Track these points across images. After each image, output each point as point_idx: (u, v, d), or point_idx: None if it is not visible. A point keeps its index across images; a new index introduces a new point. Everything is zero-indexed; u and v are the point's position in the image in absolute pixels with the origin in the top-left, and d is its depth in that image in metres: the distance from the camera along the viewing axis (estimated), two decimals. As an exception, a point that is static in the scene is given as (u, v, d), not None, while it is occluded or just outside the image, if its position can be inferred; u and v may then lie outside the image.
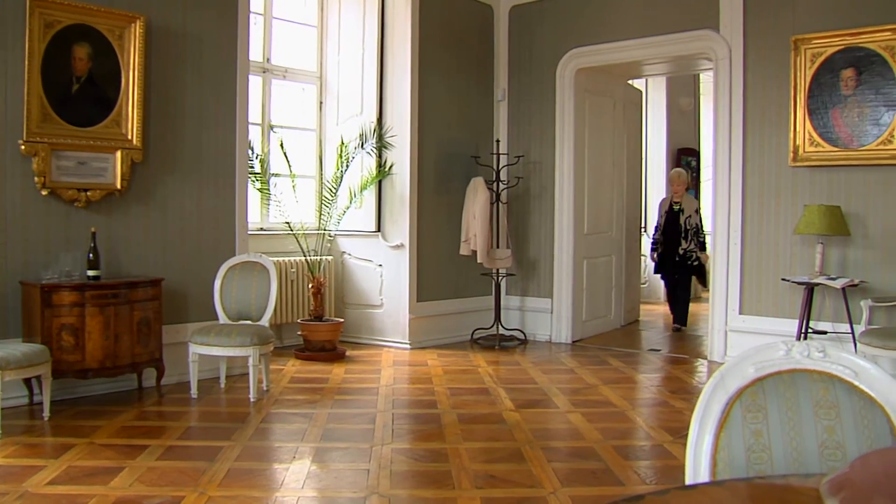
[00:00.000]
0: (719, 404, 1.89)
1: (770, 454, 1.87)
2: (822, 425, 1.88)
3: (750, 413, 1.89)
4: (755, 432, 1.88)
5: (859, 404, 1.88)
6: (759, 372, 1.92)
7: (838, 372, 1.91)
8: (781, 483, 1.53)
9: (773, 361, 1.93)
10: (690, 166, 14.07)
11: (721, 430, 1.88)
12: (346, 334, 8.72)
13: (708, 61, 8.57)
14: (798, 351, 1.94)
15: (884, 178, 7.24)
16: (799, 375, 1.93)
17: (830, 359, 1.92)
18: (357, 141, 8.52)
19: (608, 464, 4.77)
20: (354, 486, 4.35)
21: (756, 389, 1.91)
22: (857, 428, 1.87)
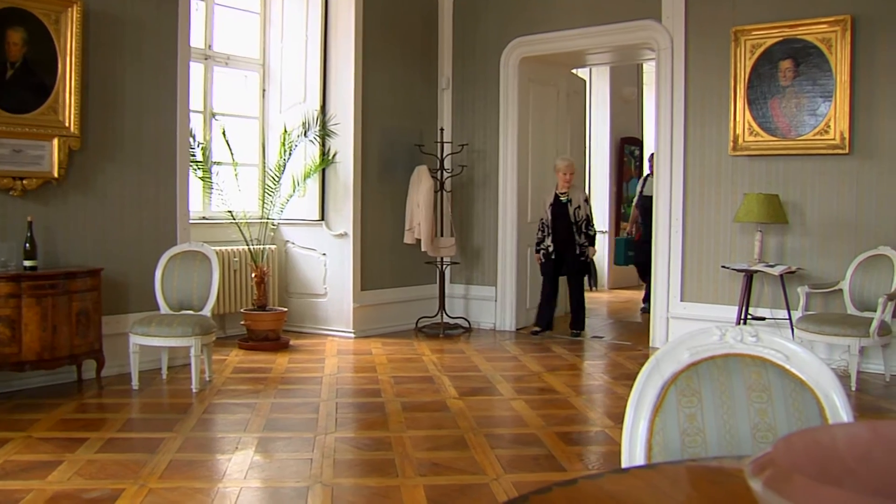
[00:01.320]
0: (654, 389, 1.92)
1: (704, 437, 1.90)
2: (754, 408, 1.92)
3: (685, 397, 1.92)
4: (690, 416, 1.91)
5: (790, 387, 1.92)
6: (694, 357, 1.95)
7: (770, 356, 1.95)
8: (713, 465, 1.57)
9: (707, 346, 1.96)
10: (633, 155, 14.22)
11: (656, 414, 1.91)
12: (290, 324, 8.67)
13: (650, 51, 8.66)
14: (732, 336, 1.97)
15: (820, 167, 7.39)
16: (732, 360, 1.96)
17: (763, 343, 1.96)
18: (300, 129, 8.47)
19: (551, 450, 4.82)
20: (297, 475, 4.34)
21: (691, 374, 1.94)
22: (788, 410, 1.91)
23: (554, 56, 9.33)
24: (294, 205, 8.60)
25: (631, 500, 1.38)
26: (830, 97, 7.27)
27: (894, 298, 6.67)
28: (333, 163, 8.63)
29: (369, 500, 4.02)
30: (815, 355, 1.95)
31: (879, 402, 6.20)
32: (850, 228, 7.26)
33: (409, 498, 3.99)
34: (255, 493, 4.10)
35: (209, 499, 3.96)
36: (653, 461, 1.85)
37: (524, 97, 9.33)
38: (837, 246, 7.31)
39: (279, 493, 4.13)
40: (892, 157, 7.06)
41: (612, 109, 13.69)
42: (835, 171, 7.33)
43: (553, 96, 9.94)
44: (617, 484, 1.45)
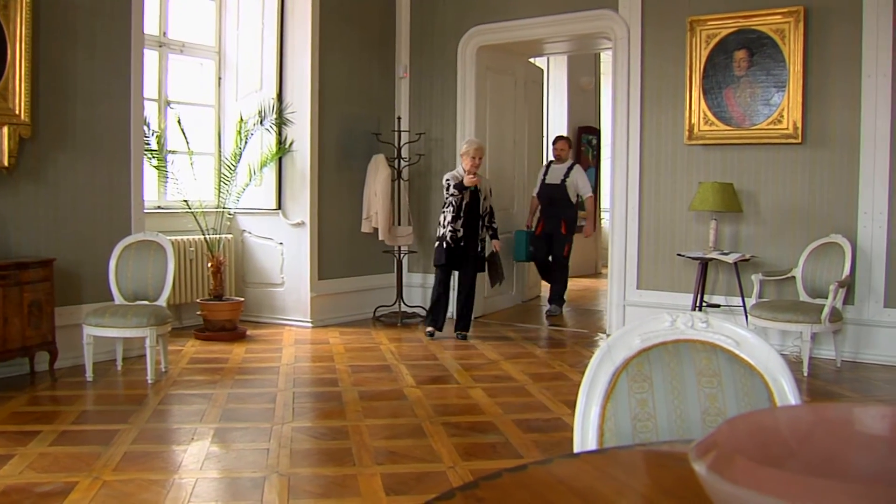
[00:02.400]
0: (606, 375, 1.94)
1: (655, 423, 1.92)
2: (704, 393, 1.94)
3: (636, 383, 1.94)
4: (641, 402, 1.93)
5: (740, 372, 1.94)
6: (645, 343, 1.97)
7: (720, 342, 1.97)
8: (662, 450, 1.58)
9: (658, 332, 1.98)
10: (591, 144, 14.29)
11: (608, 400, 1.92)
12: (247, 313, 8.62)
13: (607, 41, 8.70)
14: (682, 322, 1.99)
15: (774, 156, 7.48)
16: (683, 346, 1.98)
17: (713, 329, 1.98)
18: (256, 117, 8.40)
19: (508, 437, 4.84)
20: (254, 465, 4.32)
21: (642, 360, 1.96)
22: (738, 395, 1.94)
23: (511, 45, 9.35)
24: (250, 194, 8.53)
25: (580, 485, 1.39)
26: (784, 87, 7.35)
27: (845, 285, 6.79)
28: (290, 151, 8.58)
29: (326, 489, 4.01)
30: (765, 341, 1.98)
31: (830, 387, 6.30)
32: (803, 217, 7.36)
33: (365, 486, 3.99)
34: (211, 484, 4.08)
35: (164, 490, 3.92)
36: (604, 446, 1.86)
37: (482, 86, 9.34)
38: (790, 234, 7.41)
39: (235, 484, 4.11)
40: (843, 147, 7.17)
41: (570, 98, 13.75)
42: (788, 161, 7.43)
43: (510, 85, 9.96)
44: (566, 469, 1.46)
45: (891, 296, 7.04)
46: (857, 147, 7.11)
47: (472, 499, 1.30)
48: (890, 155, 6.97)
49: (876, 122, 7.01)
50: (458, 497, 1.30)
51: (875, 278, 7.08)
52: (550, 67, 13.41)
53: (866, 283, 7.11)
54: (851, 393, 6.16)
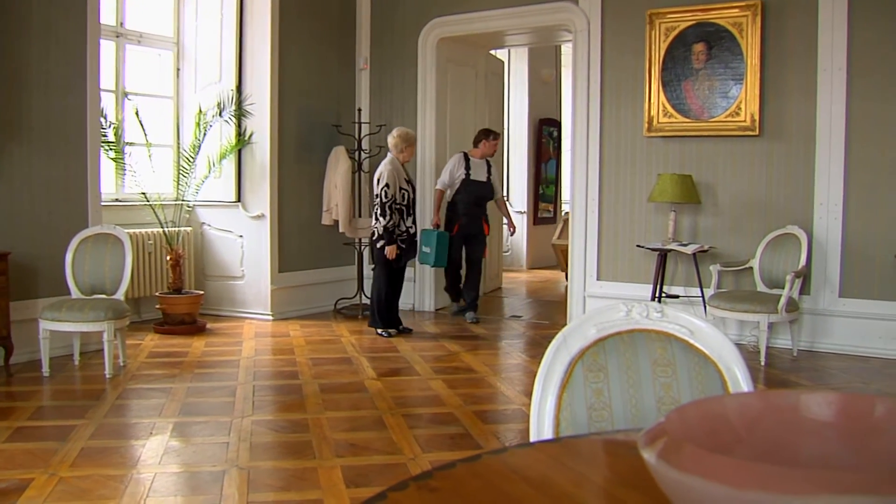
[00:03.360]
0: (562, 365, 1.95)
1: (611, 412, 1.93)
2: (659, 382, 1.96)
3: (591, 373, 1.95)
4: (596, 391, 1.94)
5: (694, 361, 1.96)
6: (601, 333, 1.98)
7: (675, 331, 1.98)
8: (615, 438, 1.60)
9: (613, 322, 1.99)
10: (552, 136, 14.34)
11: (564, 390, 1.93)
12: (207, 307, 8.56)
13: (567, 33, 8.73)
14: (637, 312, 2.01)
15: (732, 148, 7.56)
16: (638, 335, 2.00)
17: (668, 319, 2.00)
18: (215, 109, 8.32)
19: (468, 428, 4.86)
20: (213, 459, 4.29)
21: (597, 349, 1.97)
22: (692, 384, 1.95)
23: (472, 37, 9.35)
24: (210, 186, 8.46)
25: (533, 474, 1.40)
26: (741, 80, 7.43)
27: (801, 276, 6.88)
28: (249, 143, 8.52)
29: (286, 482, 4.00)
30: (719, 330, 2.00)
31: (787, 376, 6.39)
32: (760, 208, 7.45)
33: (325, 479, 3.98)
34: (170, 479, 4.04)
35: (122, 486, 3.89)
36: (560, 436, 1.87)
37: (442, 78, 9.33)
38: (748, 225, 7.50)
39: (195, 478, 4.08)
40: (799, 139, 7.26)
41: (531, 90, 13.79)
42: (745, 153, 7.51)
43: (471, 77, 9.97)
44: (520, 458, 1.46)
45: (846, 286, 7.14)
46: (813, 140, 7.20)
47: (426, 489, 1.31)
48: (845, 147, 7.07)
49: (831, 115, 7.10)
50: (411, 487, 1.30)
51: (830, 269, 7.18)
52: (511, 60, 13.44)
53: (822, 274, 7.21)
54: (807, 381, 6.25)
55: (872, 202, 7.03)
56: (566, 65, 13.79)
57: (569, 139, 10.32)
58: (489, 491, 1.30)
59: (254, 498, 3.77)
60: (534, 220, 13.90)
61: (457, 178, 8.65)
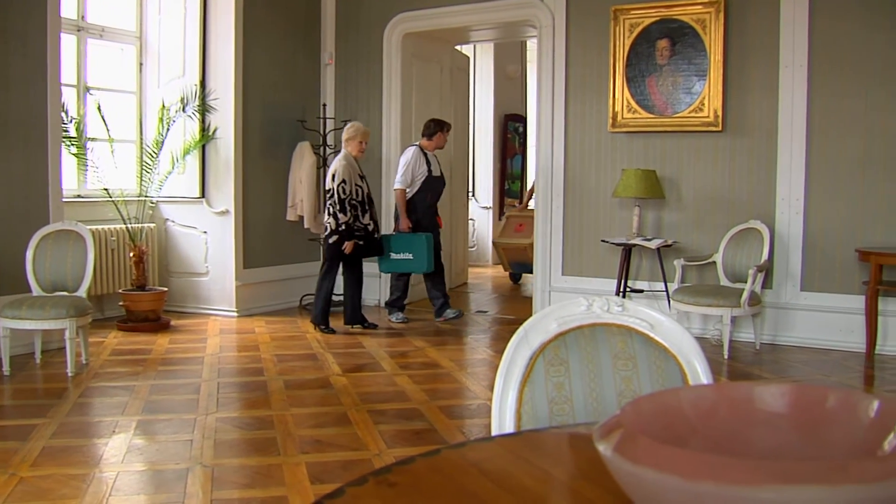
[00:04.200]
0: (523, 359, 1.95)
1: (572, 406, 1.94)
2: (620, 376, 1.97)
3: (552, 367, 1.96)
4: (557, 385, 1.95)
5: (654, 355, 1.97)
6: (562, 327, 1.99)
7: (635, 325, 2.00)
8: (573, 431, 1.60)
9: (574, 316, 2.00)
10: (518, 132, 14.37)
11: (525, 384, 1.94)
12: (171, 303, 8.49)
13: (532, 29, 8.75)
14: (598, 306, 2.02)
15: (695, 143, 7.61)
16: (599, 329, 2.01)
17: (628, 312, 2.01)
18: (179, 104, 8.25)
19: (433, 424, 4.86)
20: (177, 457, 4.26)
21: (558, 344, 1.98)
22: (653, 377, 1.97)
23: (437, 32, 9.34)
24: (173, 182, 8.39)
25: (492, 468, 1.40)
26: (705, 76, 7.48)
27: (764, 270, 6.95)
28: (214, 139, 8.46)
29: (251, 479, 3.98)
30: (678, 323, 2.01)
31: (750, 369, 6.45)
32: (723, 203, 7.51)
33: (290, 476, 3.97)
34: (133, 477, 4.01)
35: (84, 485, 3.85)
36: (521, 430, 1.88)
37: (407, 73, 9.32)
38: (711, 220, 7.56)
39: (158, 476, 4.05)
40: (761, 135, 7.33)
41: (496, 86, 13.80)
42: (709, 148, 7.57)
43: (437, 72, 9.96)
44: (480, 452, 1.47)
45: (807, 280, 7.23)
46: (775, 135, 7.27)
47: (385, 484, 1.31)
48: (806, 143, 7.15)
49: (793, 111, 7.18)
50: (370, 482, 1.30)
51: (792, 263, 7.26)
52: (477, 55, 13.44)
53: (784, 268, 7.29)
54: (769, 374, 6.32)
55: (833, 197, 7.12)
56: (532, 60, 13.83)
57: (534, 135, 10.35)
58: (448, 485, 1.31)
59: (218, 495, 3.75)
60: (499, 215, 13.91)
61: (418, 175, 8.15)
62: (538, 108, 8.45)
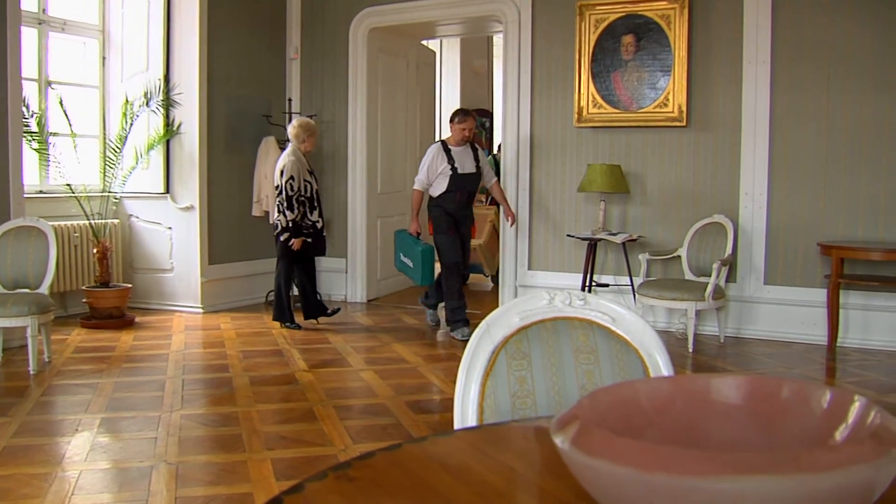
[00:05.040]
0: (485, 353, 1.96)
1: (534, 399, 1.95)
2: (582, 369, 1.98)
3: (515, 360, 1.96)
4: (520, 379, 1.95)
5: (616, 348, 1.98)
6: (524, 321, 2.00)
7: (597, 318, 2.01)
8: (534, 425, 1.61)
9: (536, 310, 2.01)
10: (485, 127, 14.38)
11: (487, 378, 1.94)
12: (136, 300, 8.42)
13: (499, 24, 8.75)
14: (560, 300, 2.02)
15: (660, 139, 7.66)
16: (561, 323, 2.01)
17: (590, 306, 2.02)
18: (142, 99, 8.17)
19: (399, 419, 4.86)
20: (141, 454, 4.23)
21: (520, 337, 1.98)
22: (614, 370, 1.98)
23: (403, 27, 9.32)
24: (137, 177, 8.31)
25: (452, 461, 1.40)
26: (669, 72, 7.53)
27: (727, 264, 7.01)
28: (178, 134, 8.39)
29: (216, 476, 3.96)
30: (640, 317, 2.02)
31: (714, 362, 6.51)
32: (688, 197, 7.57)
33: (255, 472, 3.96)
34: (97, 476, 3.97)
35: (46, 484, 3.80)
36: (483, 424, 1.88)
37: (373, 68, 9.30)
38: (676, 214, 7.62)
39: (122, 474, 4.01)
40: (725, 130, 7.40)
41: (463, 81, 13.80)
42: (673, 143, 7.62)
43: (403, 67, 9.94)
44: (440, 446, 1.47)
45: (770, 273, 7.30)
46: (739, 130, 7.34)
47: (345, 479, 1.30)
48: (769, 138, 7.22)
49: (756, 106, 7.25)
50: (330, 478, 1.30)
51: (756, 257, 7.33)
52: (443, 50, 13.43)
53: (747, 262, 7.36)
54: (733, 367, 6.38)
55: (795, 192, 7.19)
56: (498, 55, 13.84)
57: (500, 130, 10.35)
58: (407, 479, 1.31)
59: (182, 493, 3.72)
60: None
61: (439, 174, 7.47)
62: (504, 103, 8.47)
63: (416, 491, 1.26)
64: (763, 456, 0.90)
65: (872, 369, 6.28)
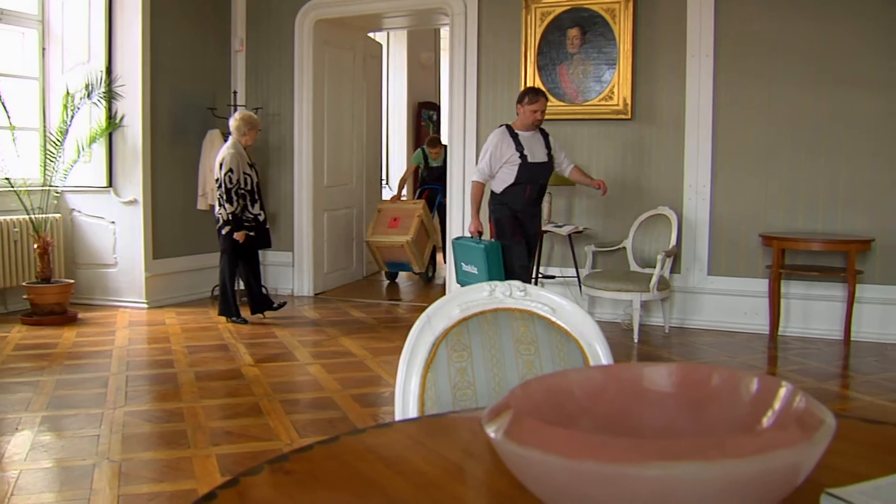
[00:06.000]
0: (426, 345, 1.96)
1: (475, 390, 1.96)
2: (522, 360, 1.99)
3: (455, 352, 1.97)
4: (460, 370, 1.96)
5: (556, 338, 2.00)
6: (465, 312, 2.00)
7: (537, 309, 2.02)
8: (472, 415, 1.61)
9: (477, 302, 2.01)
10: (432, 120, 14.37)
11: (428, 370, 1.95)
12: (78, 296, 8.28)
13: (445, 16, 8.75)
14: (500, 291, 2.03)
15: (605, 131, 7.73)
16: (501, 314, 2.02)
17: (530, 297, 2.03)
18: (84, 91, 8.04)
19: (346, 412, 4.85)
20: (84, 452, 4.16)
21: (461, 329, 1.99)
22: (554, 361, 1.99)
23: (350, 19, 9.28)
24: (79, 171, 8.17)
25: (390, 453, 1.40)
26: (614, 65, 7.60)
27: (672, 255, 7.09)
28: (121, 126, 8.26)
29: (160, 473, 3.91)
30: (580, 307, 2.04)
31: (659, 352, 6.59)
32: (633, 190, 7.64)
33: (200, 468, 3.92)
34: (37, 475, 3.90)
35: (-16, 483, 3.74)
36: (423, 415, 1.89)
37: (319, 60, 9.24)
38: (621, 206, 7.68)
39: (64, 473, 3.95)
40: (669, 123, 7.48)
41: (410, 74, 13.76)
42: (618, 136, 7.69)
43: (349, 60, 9.90)
44: (378, 438, 1.47)
45: (714, 264, 7.41)
46: (683, 123, 7.43)
47: (281, 472, 1.30)
48: (712, 131, 7.32)
49: (699, 100, 7.34)
50: (266, 471, 1.29)
51: (699, 248, 7.43)
52: (390, 42, 13.39)
53: (691, 253, 7.45)
54: (678, 357, 6.47)
55: (738, 184, 7.30)
56: (445, 48, 13.84)
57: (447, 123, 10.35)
58: (344, 471, 1.30)
59: (126, 490, 3.68)
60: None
61: (504, 163, 6.54)
62: (451, 96, 8.47)
63: (352, 483, 1.26)
64: (689, 442, 0.91)
65: (812, 357, 6.41)
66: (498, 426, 1.01)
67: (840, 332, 6.93)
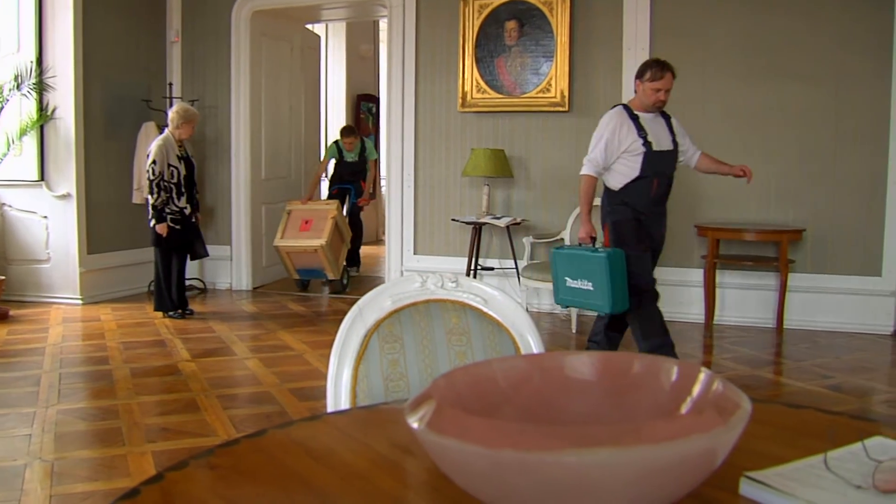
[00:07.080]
0: (357, 337, 1.96)
1: (407, 382, 1.96)
2: (454, 351, 2.00)
3: (387, 344, 1.97)
4: (392, 362, 1.96)
5: (488, 329, 2.01)
6: (396, 304, 2.00)
7: (469, 300, 2.03)
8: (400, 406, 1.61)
9: (409, 293, 2.02)
10: (371, 112, 14.33)
11: (360, 361, 1.94)
12: (10, 293, 8.11)
13: (384, 8, 8.71)
14: (432, 282, 2.04)
15: (543, 123, 7.77)
16: (433, 305, 2.03)
17: (462, 288, 2.04)
18: (13, 83, 7.86)
19: (284, 406, 4.82)
20: (15, 453, 4.08)
21: (393, 321, 1.99)
22: (486, 351, 2.00)
23: (287, 10, 9.20)
24: (9, 165, 7.99)
25: (317, 445, 1.40)
26: (552, 57, 7.64)
27: (609, 246, 7.14)
28: (52, 119, 8.10)
29: (94, 471, 3.85)
30: (512, 298, 2.05)
31: (596, 343, 6.64)
32: (570, 181, 7.67)
33: (135, 466, 3.87)
34: (-35, 474, 3.83)
35: None
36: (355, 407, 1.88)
37: (257, 52, 9.15)
38: (558, 198, 7.74)
39: (-7, 473, 3.87)
40: (605, 114, 7.53)
41: (349, 66, 13.71)
42: (556, 128, 7.74)
43: (287, 52, 9.82)
44: (305, 431, 1.46)
45: (650, 255, 7.48)
46: (619, 115, 7.48)
47: (206, 466, 1.29)
48: (648, 122, 7.39)
49: (635, 91, 7.40)
50: (190, 466, 1.28)
51: (636, 239, 7.50)
52: (329, 34, 13.32)
53: (628, 244, 7.52)
54: (615, 347, 6.52)
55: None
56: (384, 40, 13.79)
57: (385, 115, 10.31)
58: (270, 465, 1.30)
59: (58, 490, 3.61)
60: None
61: (624, 151, 5.35)
62: (388, 88, 8.46)
63: (277, 476, 1.26)
64: (607, 429, 0.93)
65: (747, 345, 6.53)
66: (420, 417, 1.01)
67: (773, 320, 7.07)
